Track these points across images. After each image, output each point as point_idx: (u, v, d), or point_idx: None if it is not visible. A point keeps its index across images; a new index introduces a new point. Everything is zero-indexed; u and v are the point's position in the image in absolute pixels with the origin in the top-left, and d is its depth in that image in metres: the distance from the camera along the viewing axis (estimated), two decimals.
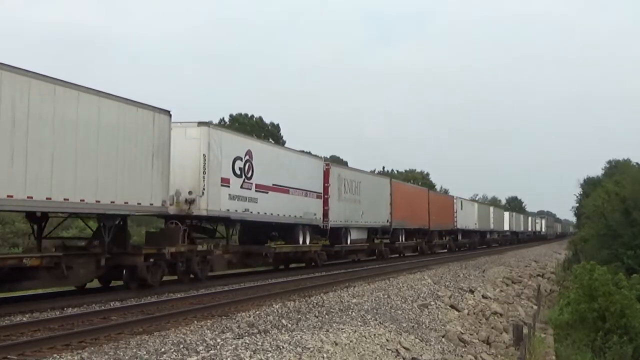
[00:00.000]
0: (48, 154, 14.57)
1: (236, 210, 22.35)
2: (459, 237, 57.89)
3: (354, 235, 33.54)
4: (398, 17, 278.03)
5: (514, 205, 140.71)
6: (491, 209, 74.83)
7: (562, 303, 27.41)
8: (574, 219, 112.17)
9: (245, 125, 66.80)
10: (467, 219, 59.29)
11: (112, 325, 11.80)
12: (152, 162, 18.09)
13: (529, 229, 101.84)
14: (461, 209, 57.33)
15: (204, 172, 20.55)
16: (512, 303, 24.68)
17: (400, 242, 40.81)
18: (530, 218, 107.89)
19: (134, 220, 26.80)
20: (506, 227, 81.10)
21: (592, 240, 47.48)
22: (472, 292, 22.81)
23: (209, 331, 11.52)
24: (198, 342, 10.23)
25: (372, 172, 54.43)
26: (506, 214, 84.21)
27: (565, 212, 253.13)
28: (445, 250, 52.93)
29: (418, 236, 45.37)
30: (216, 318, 13.25)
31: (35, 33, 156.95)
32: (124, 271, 18.15)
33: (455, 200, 56.79)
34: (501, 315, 21.11)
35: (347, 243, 32.72)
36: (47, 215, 16.85)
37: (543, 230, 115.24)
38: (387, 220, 37.83)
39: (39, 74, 14.45)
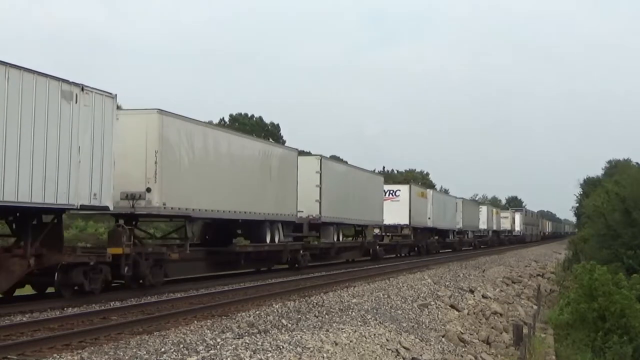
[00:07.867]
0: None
1: None
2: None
3: None
4: (398, 17, 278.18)
5: (514, 204, 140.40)
6: (338, 166, 32.91)
7: (562, 303, 27.38)
8: (574, 219, 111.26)
9: (245, 125, 66.78)
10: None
11: (112, 325, 11.80)
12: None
13: (484, 227, 67.71)
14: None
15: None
16: (512, 303, 24.68)
17: None
18: (485, 208, 70.33)
19: None
20: (400, 220, 41.01)
21: (592, 240, 47.48)
22: (472, 292, 22.82)
23: (209, 331, 11.52)
24: (198, 342, 10.23)
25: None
26: (403, 190, 42.10)
27: (566, 212, 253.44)
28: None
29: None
30: (216, 318, 13.26)
31: (34, 32, 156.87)
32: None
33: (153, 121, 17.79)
34: (501, 315, 21.11)
35: None
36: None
37: (517, 229, 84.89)
38: None
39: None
